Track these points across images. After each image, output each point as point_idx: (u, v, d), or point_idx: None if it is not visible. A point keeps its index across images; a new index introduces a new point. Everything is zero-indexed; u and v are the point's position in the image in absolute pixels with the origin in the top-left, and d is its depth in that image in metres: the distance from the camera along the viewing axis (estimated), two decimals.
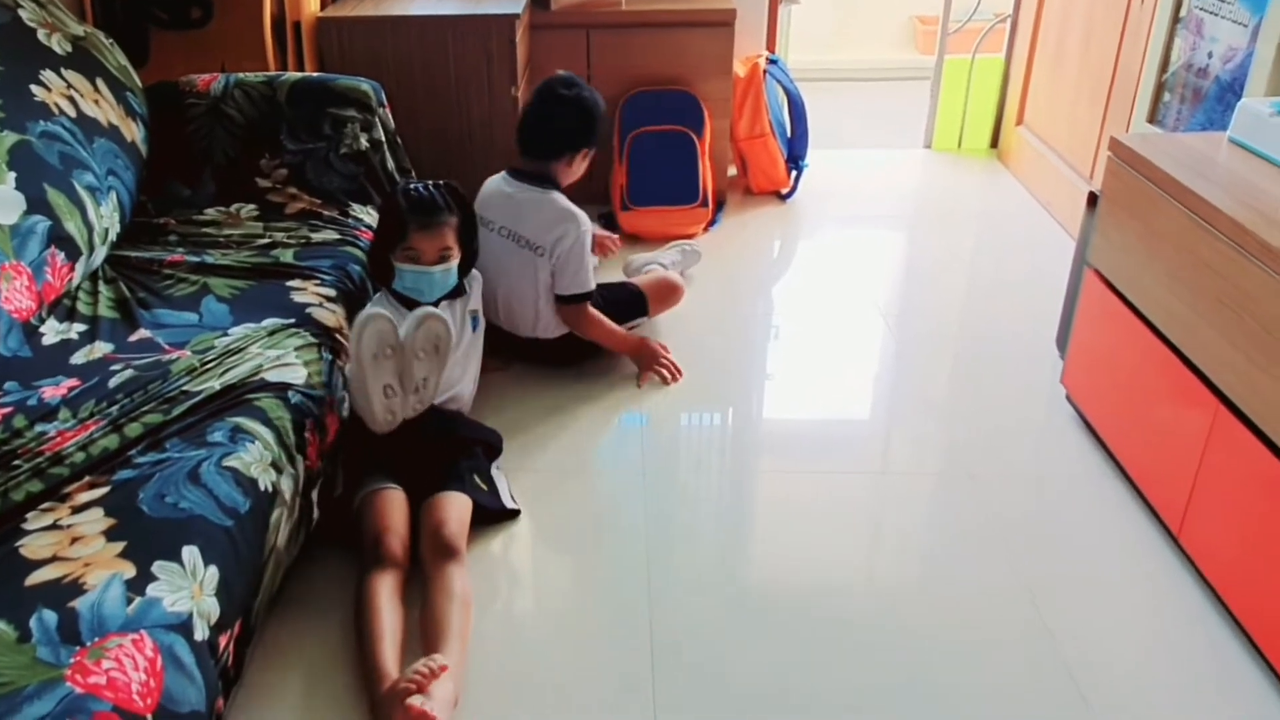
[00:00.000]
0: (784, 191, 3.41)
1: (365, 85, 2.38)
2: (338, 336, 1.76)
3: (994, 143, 3.86)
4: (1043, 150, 3.41)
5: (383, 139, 2.38)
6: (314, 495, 1.56)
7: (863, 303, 2.78)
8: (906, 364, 2.49)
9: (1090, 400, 2.15)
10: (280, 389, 1.52)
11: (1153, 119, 2.51)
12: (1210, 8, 2.25)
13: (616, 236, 2.67)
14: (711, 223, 3.15)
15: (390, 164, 2.40)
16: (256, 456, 1.36)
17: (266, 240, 2.03)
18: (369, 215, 2.21)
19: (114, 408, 1.45)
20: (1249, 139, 1.89)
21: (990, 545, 1.86)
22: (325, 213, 2.17)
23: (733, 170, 3.48)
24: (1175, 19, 2.41)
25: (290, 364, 1.58)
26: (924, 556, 1.86)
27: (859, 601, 1.74)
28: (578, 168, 2.33)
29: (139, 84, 2.24)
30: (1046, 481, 2.04)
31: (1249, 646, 1.62)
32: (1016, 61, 3.65)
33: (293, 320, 1.72)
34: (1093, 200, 2.26)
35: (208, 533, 1.22)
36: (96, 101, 2.04)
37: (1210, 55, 2.27)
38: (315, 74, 2.49)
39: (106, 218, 1.93)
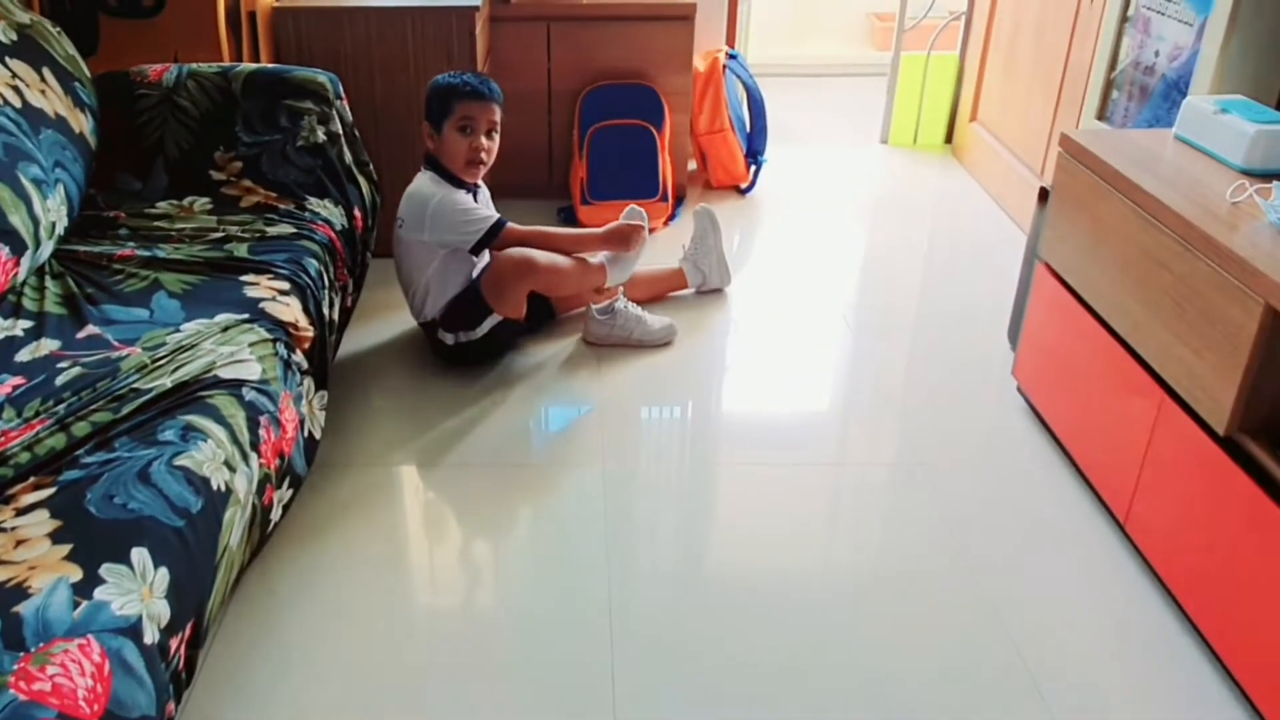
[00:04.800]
0: (743, 186, 3.43)
1: (322, 77, 2.35)
2: (292, 331, 1.74)
3: (948, 138, 3.91)
4: (995, 146, 3.46)
5: (340, 132, 2.36)
6: (270, 494, 1.54)
7: (820, 296, 2.80)
8: (863, 357, 2.52)
9: (1040, 392, 2.19)
10: (234, 385, 1.49)
11: (1102, 116, 2.56)
12: (1157, 7, 2.30)
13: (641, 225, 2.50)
14: (671, 217, 3.16)
15: (348, 157, 2.37)
16: (209, 455, 1.34)
17: (220, 234, 2.00)
18: (325, 208, 2.18)
19: (61, 406, 1.42)
20: (1193, 135, 1.93)
21: (943, 534, 1.90)
22: (281, 206, 2.15)
23: (693, 165, 3.49)
24: (1124, 18, 2.46)
25: (244, 360, 1.56)
26: (879, 546, 1.89)
27: (817, 590, 1.76)
28: (438, 148, 2.32)
29: (88, 74, 2.19)
30: (997, 472, 2.08)
31: (1192, 631, 1.66)
32: (970, 58, 3.70)
33: (246, 315, 1.70)
34: (1044, 195, 2.31)
35: (158, 534, 1.20)
36: (43, 92, 1.99)
37: (1157, 54, 2.31)
38: (271, 65, 2.45)
39: (53, 211, 1.89)
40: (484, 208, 2.34)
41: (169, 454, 1.31)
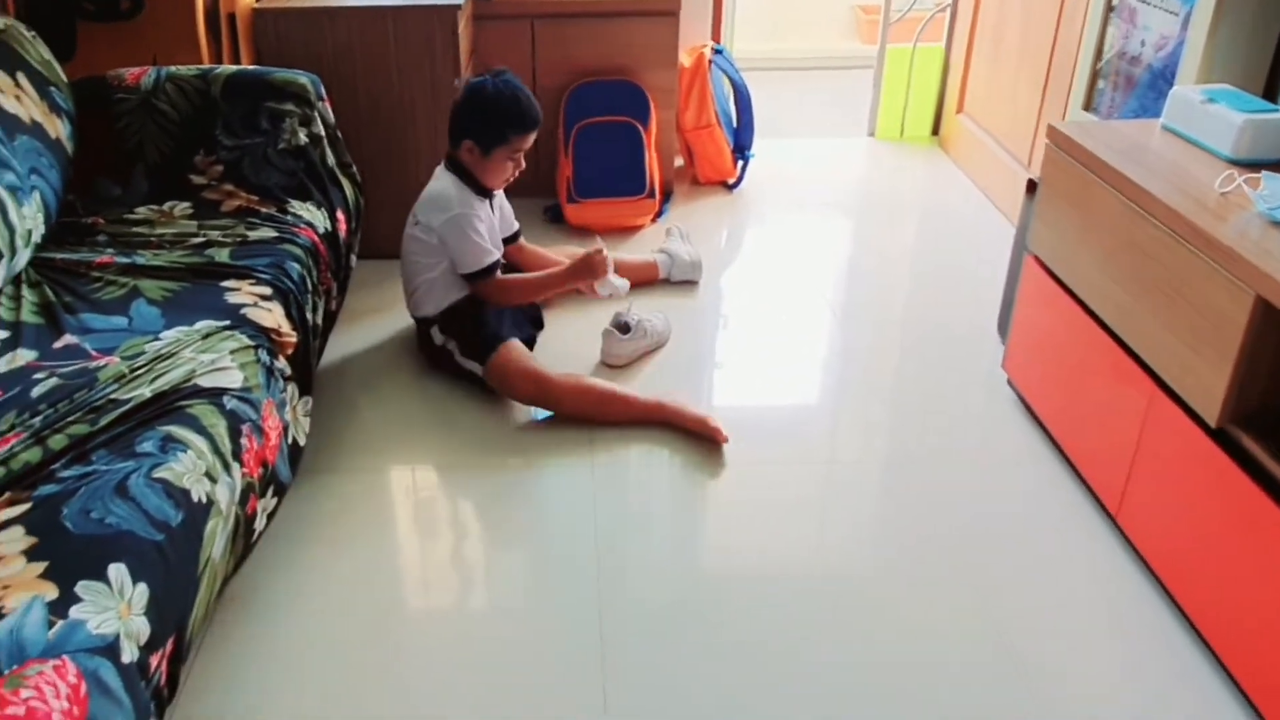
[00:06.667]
0: (730, 181, 3.41)
1: (303, 78, 2.33)
2: (275, 337, 1.71)
3: (935, 130, 3.90)
4: (982, 137, 3.45)
5: (322, 133, 2.33)
6: (254, 503, 1.52)
7: (809, 291, 2.78)
8: (852, 352, 2.51)
9: (1030, 385, 2.18)
10: (215, 394, 1.47)
11: (1088, 106, 2.55)
12: None
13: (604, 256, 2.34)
14: (658, 214, 3.14)
15: (330, 159, 2.35)
16: (189, 466, 1.32)
17: (201, 239, 1.97)
18: (308, 211, 2.16)
19: (37, 419, 1.40)
20: (1181, 126, 1.92)
21: (934, 530, 1.89)
22: (263, 210, 2.12)
23: (679, 161, 3.47)
24: (1109, 8, 2.45)
25: (225, 368, 1.53)
26: (871, 543, 1.87)
27: (809, 590, 1.75)
28: (476, 163, 2.24)
29: (64, 78, 2.16)
30: (988, 464, 2.07)
31: (1185, 623, 1.66)
32: (956, 50, 3.69)
33: (228, 322, 1.67)
34: (1032, 187, 2.30)
35: (136, 549, 1.17)
36: (17, 97, 1.96)
37: (1143, 43, 2.30)
38: (251, 67, 2.42)
39: (29, 218, 1.86)
40: (490, 239, 2.28)
41: (148, 466, 1.28)
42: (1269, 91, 2.04)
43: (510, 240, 2.45)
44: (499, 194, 2.40)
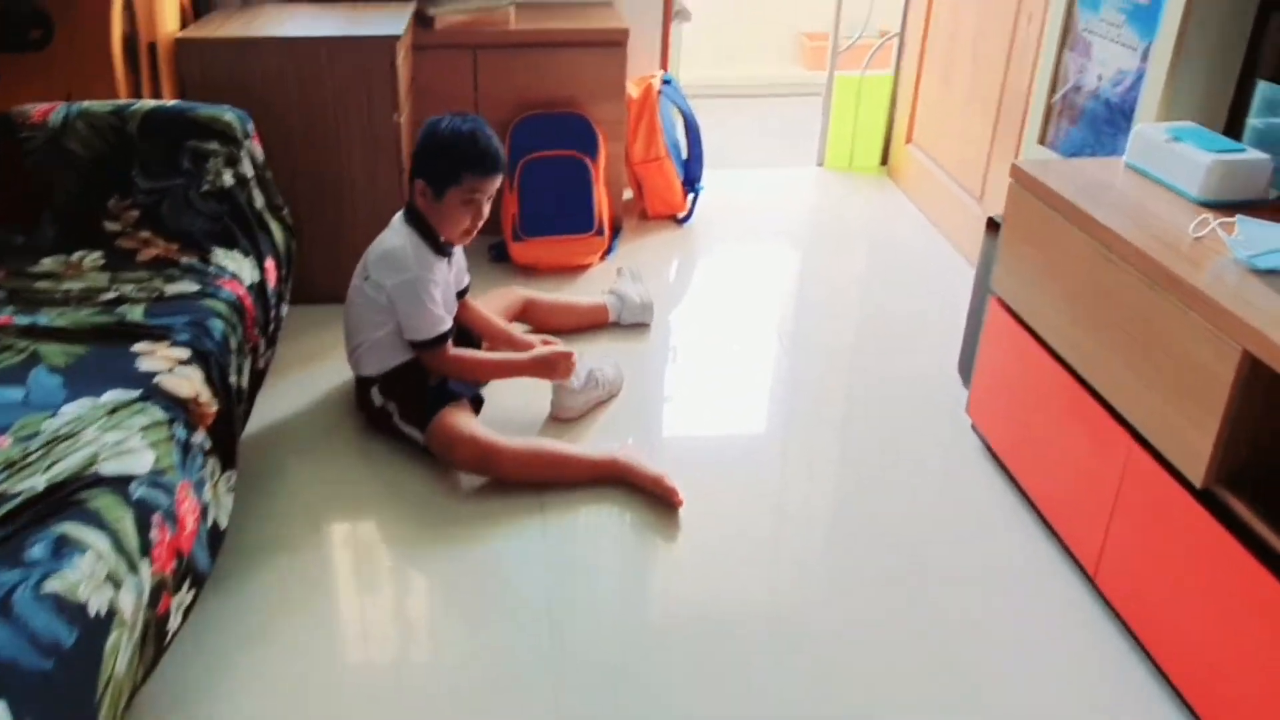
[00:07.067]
0: (681, 216, 3.32)
1: (229, 114, 2.17)
2: (192, 408, 1.55)
3: (884, 160, 3.86)
4: (932, 168, 3.42)
5: (250, 174, 2.18)
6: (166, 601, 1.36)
7: (762, 329, 2.70)
8: (806, 392, 2.42)
9: (997, 432, 2.11)
10: (120, 483, 1.31)
11: (1044, 140, 2.51)
12: (1099, 31, 2.25)
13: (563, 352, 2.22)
14: (607, 251, 3.03)
15: (259, 201, 2.19)
16: (86, 573, 1.16)
17: (112, 295, 1.80)
18: (233, 261, 2.00)
19: None
20: (1146, 164, 1.88)
21: (898, 584, 1.80)
22: (183, 260, 1.96)
23: (628, 193, 3.37)
24: (1063, 41, 2.41)
25: (133, 450, 1.37)
26: (833, 596, 1.78)
27: (768, 645, 1.66)
28: (430, 208, 2.07)
29: None
30: (955, 517, 1.99)
31: (1170, 691, 1.58)
32: (905, 79, 3.65)
33: (139, 393, 1.50)
34: (992, 225, 2.24)
35: (19, 682, 1.01)
36: None
37: (1100, 78, 2.27)
38: (171, 102, 2.26)
39: None
40: (445, 303, 2.11)
41: (37, 577, 1.12)
42: (1230, 128, 2.01)
43: (459, 295, 2.28)
44: (458, 253, 2.23)
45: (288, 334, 2.45)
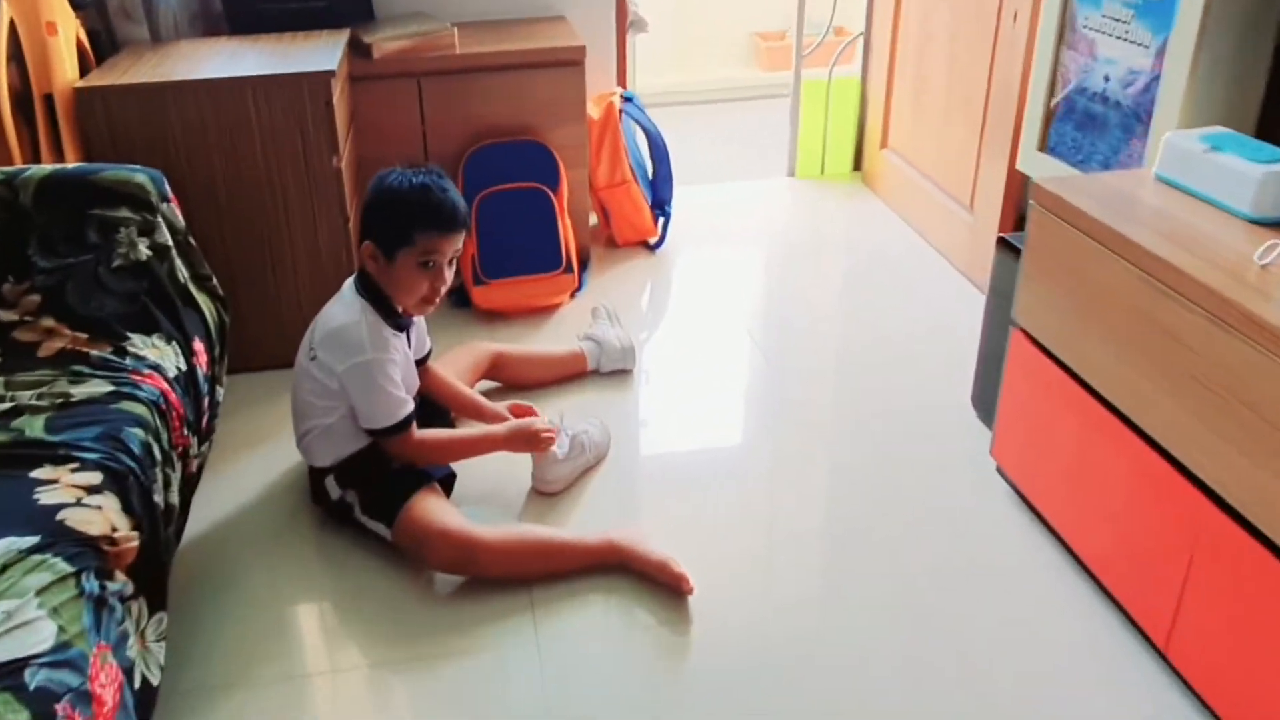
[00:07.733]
0: (652, 241, 3.09)
1: (140, 175, 1.90)
2: (106, 548, 1.28)
3: (857, 165, 3.66)
4: (912, 175, 3.22)
5: (169, 242, 1.90)
6: None
7: (753, 361, 2.48)
8: (811, 436, 2.20)
9: (1031, 480, 1.90)
10: (12, 672, 1.05)
11: (1044, 148, 2.32)
12: (1104, 28, 2.06)
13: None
14: (577, 289, 2.79)
15: (182, 274, 1.92)
16: None
17: (6, 405, 1.52)
18: (154, 349, 1.73)
19: None
20: (1180, 177, 1.69)
21: (932, 653, 1.60)
22: (94, 352, 1.68)
23: (593, 219, 3.12)
24: (1060, 39, 2.22)
25: (28, 621, 1.10)
26: (858, 663, 1.59)
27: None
28: (381, 273, 1.81)
29: None
30: (993, 575, 1.78)
31: None
32: (875, 81, 3.46)
33: (37, 539, 1.23)
34: (1003, 245, 2.04)
35: None
36: None
37: (1107, 78, 2.08)
38: (72, 165, 1.97)
39: None
40: (406, 381, 1.87)
41: None
42: (1263, 132, 1.83)
43: (420, 362, 2.01)
44: (418, 323, 1.97)
45: (228, 409, 2.18)
